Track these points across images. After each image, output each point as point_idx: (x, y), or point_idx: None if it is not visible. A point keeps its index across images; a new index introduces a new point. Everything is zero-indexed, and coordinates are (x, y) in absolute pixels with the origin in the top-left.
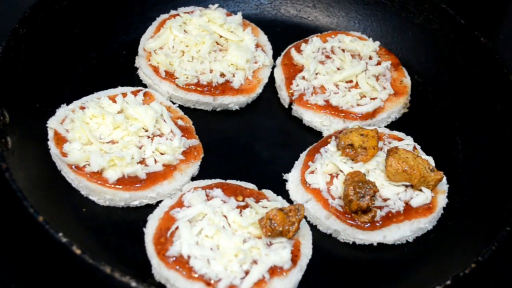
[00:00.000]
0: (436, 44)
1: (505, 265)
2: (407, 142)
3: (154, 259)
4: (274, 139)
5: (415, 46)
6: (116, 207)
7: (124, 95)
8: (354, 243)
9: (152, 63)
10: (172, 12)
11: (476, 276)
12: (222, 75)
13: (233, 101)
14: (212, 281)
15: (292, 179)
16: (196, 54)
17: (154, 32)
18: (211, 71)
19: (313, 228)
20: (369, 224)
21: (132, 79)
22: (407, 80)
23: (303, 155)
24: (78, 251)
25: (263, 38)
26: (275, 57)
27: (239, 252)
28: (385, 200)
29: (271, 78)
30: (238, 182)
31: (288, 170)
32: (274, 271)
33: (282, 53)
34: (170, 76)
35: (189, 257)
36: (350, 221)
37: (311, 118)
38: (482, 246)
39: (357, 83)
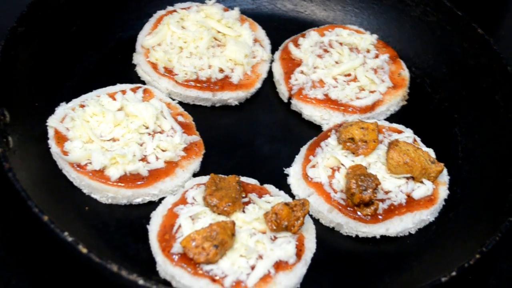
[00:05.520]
0: (433, 36)
1: (504, 261)
2: (407, 135)
3: (159, 256)
4: (274, 134)
5: (412, 39)
6: (119, 205)
7: (124, 92)
8: (357, 236)
9: (151, 59)
10: (169, 8)
11: (475, 271)
12: (221, 70)
13: (233, 97)
14: (217, 277)
15: (294, 173)
16: (194, 50)
17: (152, 28)
18: (210, 66)
19: (316, 222)
20: (370, 217)
21: (130, 76)
22: (405, 73)
23: (303, 149)
24: (84, 250)
25: (261, 33)
26: (272, 52)
27: (244, 247)
28: (386, 192)
29: (270, 72)
30: (240, 178)
31: (288, 165)
32: (279, 265)
33: (280, 48)
34: (169, 72)
35: None
36: (353, 214)
37: (311, 112)
38: (484, 237)
39: (355, 76)
